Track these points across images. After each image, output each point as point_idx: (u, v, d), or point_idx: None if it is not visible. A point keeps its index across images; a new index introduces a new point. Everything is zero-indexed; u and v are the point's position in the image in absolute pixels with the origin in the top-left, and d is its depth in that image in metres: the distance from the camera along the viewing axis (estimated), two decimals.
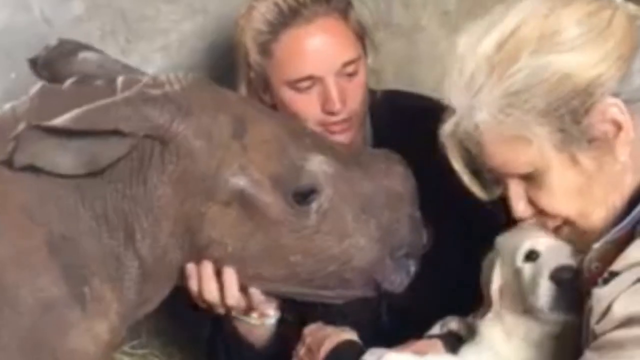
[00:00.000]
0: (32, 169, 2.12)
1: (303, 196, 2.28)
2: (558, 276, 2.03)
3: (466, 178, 2.07)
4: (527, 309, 2.13)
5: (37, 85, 2.28)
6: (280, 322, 2.54)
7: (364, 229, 2.33)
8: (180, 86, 2.27)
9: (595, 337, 1.86)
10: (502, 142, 1.96)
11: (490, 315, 2.20)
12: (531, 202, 2.02)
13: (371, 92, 2.71)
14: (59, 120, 2.10)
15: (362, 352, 2.24)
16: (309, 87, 2.56)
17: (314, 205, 2.29)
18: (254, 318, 2.49)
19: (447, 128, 2.02)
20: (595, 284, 1.90)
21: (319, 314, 2.50)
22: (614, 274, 1.86)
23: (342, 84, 2.57)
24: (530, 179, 1.98)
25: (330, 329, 2.34)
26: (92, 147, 2.12)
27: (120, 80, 2.28)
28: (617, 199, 1.95)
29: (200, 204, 2.24)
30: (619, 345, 1.80)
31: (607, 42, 1.90)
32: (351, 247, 2.32)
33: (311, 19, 2.54)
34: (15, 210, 2.14)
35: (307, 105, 2.56)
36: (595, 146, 1.91)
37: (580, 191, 1.96)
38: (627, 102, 1.90)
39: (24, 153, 2.09)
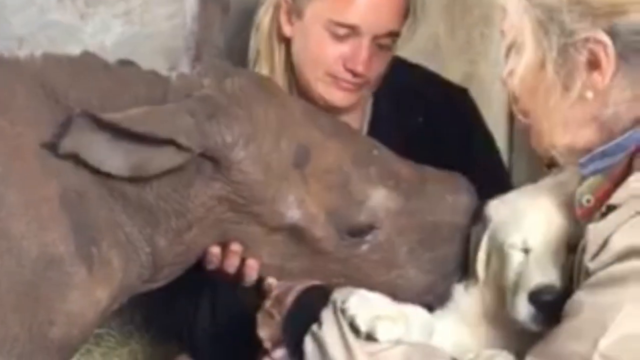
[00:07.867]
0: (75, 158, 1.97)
1: (360, 232, 2.17)
2: (537, 297, 1.92)
3: None
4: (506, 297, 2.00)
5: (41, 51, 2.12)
6: None
7: (416, 261, 2.21)
8: (245, 95, 2.12)
9: (589, 275, 1.75)
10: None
11: (474, 289, 2.10)
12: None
13: None
14: (116, 116, 1.94)
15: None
16: (344, 37, 2.51)
17: (369, 238, 2.17)
18: None
19: None
20: (588, 218, 1.82)
21: None
22: (612, 208, 1.76)
23: (374, 50, 2.54)
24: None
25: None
26: (144, 152, 1.97)
27: (174, 75, 2.14)
28: (584, 132, 1.88)
29: (247, 223, 2.12)
30: (620, 279, 1.70)
31: None
32: (399, 278, 2.20)
33: None
34: (30, 155, 1.97)
35: (331, 53, 2.52)
36: (564, 66, 1.85)
37: (535, 93, 1.90)
38: (620, 54, 1.80)
39: (72, 141, 1.94)
